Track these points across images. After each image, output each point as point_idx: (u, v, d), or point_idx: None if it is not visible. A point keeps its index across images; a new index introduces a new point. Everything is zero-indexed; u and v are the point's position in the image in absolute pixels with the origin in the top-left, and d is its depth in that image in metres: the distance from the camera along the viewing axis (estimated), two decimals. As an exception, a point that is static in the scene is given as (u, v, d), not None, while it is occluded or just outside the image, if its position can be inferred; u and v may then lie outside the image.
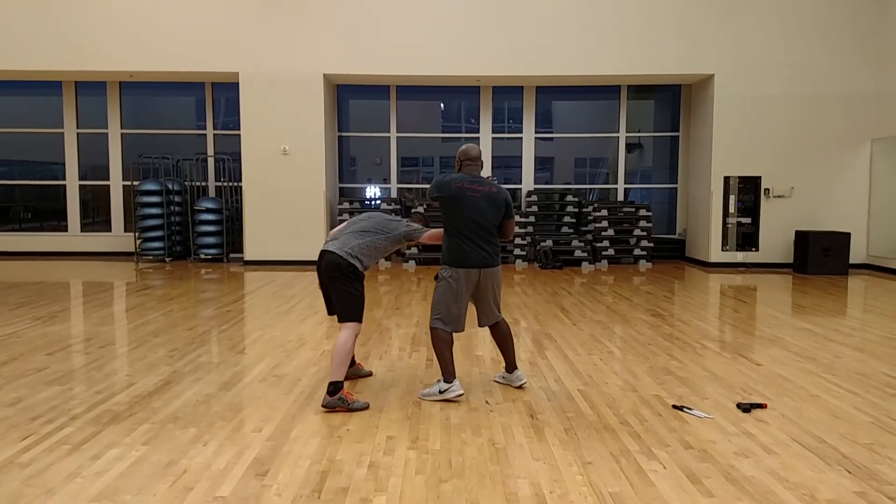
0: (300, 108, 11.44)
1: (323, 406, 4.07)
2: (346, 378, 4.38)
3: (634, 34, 11.24)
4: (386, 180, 13.20)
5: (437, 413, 4.04)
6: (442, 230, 4.39)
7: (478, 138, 12.96)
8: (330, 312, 4.50)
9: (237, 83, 11.54)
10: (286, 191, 11.52)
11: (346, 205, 12.16)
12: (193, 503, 2.89)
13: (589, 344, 5.85)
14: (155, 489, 3.01)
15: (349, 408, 4.06)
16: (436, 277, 4.35)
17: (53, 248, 12.93)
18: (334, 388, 4.06)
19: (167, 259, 12.18)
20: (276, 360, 5.28)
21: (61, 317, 6.97)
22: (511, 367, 4.59)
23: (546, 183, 13.47)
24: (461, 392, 4.26)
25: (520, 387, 4.55)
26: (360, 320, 4.30)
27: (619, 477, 3.16)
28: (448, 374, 4.27)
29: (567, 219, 12.33)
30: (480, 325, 4.52)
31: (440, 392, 4.26)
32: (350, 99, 13.22)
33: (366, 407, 4.11)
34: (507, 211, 4.33)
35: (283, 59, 11.34)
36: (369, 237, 4.36)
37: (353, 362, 4.69)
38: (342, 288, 4.25)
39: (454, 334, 4.35)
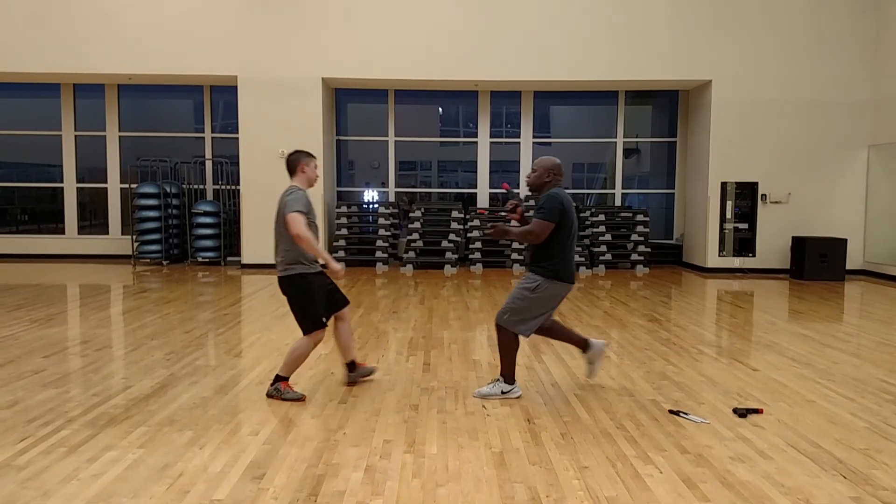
0: (298, 111, 11.45)
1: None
2: (354, 382, 4.70)
3: (632, 40, 11.28)
4: (384, 184, 13.21)
5: (434, 417, 4.04)
6: (541, 225, 4.21)
7: (476, 143, 12.99)
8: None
9: (235, 86, 11.55)
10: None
11: (343, 208, 12.17)
12: (190, 506, 2.90)
13: (586, 348, 5.85)
14: (151, 492, 3.01)
15: (283, 397, 4.34)
16: (534, 289, 4.25)
17: (51, 250, 12.91)
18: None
19: (164, 262, 12.17)
20: (273, 363, 5.27)
21: (58, 319, 6.96)
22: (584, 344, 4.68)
23: (544, 187, 13.46)
24: (520, 394, 4.43)
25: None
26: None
27: (615, 481, 3.17)
28: (511, 376, 4.39)
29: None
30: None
31: (503, 393, 4.38)
32: (348, 102, 13.24)
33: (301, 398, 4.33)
34: None
35: (282, 62, 11.36)
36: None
37: (354, 364, 4.72)
38: None
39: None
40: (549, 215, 4.17)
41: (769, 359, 5.60)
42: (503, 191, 12.59)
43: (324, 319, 4.36)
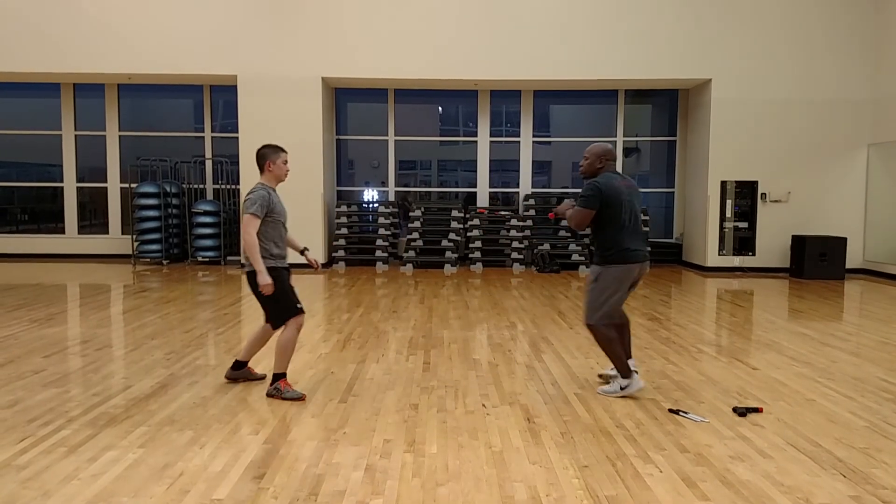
0: (298, 110, 11.44)
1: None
2: (237, 379, 4.77)
3: (632, 39, 11.27)
4: (384, 183, 13.21)
5: (434, 416, 4.05)
6: (580, 212, 4.33)
7: (476, 142, 12.99)
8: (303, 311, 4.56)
9: (235, 86, 11.55)
10: (284, 194, 11.29)
11: (343, 208, 12.17)
12: (190, 506, 2.90)
13: (585, 347, 5.85)
14: (151, 492, 3.01)
15: (283, 397, 4.35)
16: (595, 279, 4.38)
17: (51, 250, 12.92)
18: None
19: (164, 261, 12.17)
20: (273, 362, 5.27)
21: (58, 319, 6.96)
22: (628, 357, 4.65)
23: (543, 187, 13.50)
24: (642, 385, 4.43)
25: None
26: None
27: (615, 480, 3.17)
28: (625, 371, 4.40)
29: (564, 223, 12.31)
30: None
31: (622, 389, 4.40)
32: (348, 102, 13.24)
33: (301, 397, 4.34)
34: (640, 200, 4.53)
35: (282, 61, 11.35)
36: None
37: (242, 365, 4.77)
38: None
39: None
40: (586, 203, 4.29)
41: (769, 358, 5.60)
42: (550, 219, 12.54)
43: (298, 305, 4.41)
